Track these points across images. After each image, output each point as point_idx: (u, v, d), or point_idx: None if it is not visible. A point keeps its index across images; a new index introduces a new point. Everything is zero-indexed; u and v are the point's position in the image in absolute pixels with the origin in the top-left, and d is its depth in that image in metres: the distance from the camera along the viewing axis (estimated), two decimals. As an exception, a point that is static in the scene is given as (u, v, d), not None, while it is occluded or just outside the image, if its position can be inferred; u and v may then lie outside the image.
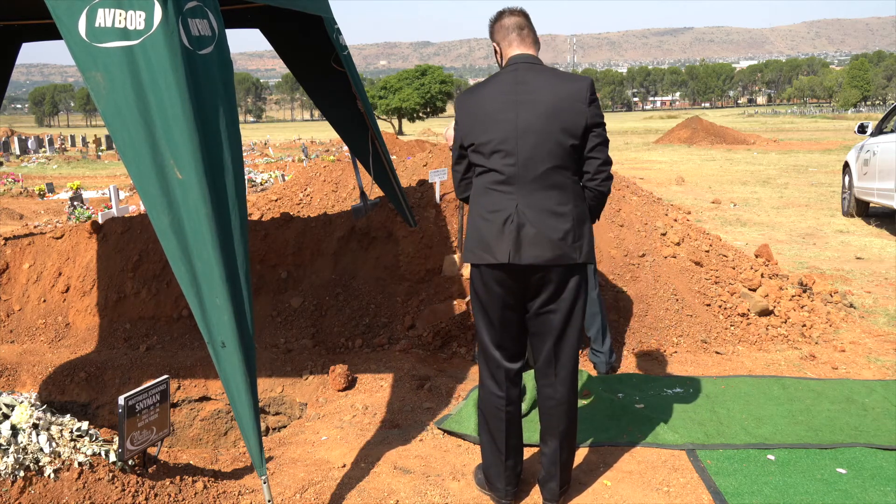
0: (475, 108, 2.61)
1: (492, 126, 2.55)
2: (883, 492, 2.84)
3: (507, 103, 2.55)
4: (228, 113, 2.65)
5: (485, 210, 2.58)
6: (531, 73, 2.57)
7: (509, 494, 2.77)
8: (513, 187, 2.54)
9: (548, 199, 2.53)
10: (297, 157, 24.57)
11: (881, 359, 4.38)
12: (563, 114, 2.51)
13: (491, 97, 2.58)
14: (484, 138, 2.56)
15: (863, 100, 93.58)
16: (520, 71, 2.58)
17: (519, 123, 2.52)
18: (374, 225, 5.24)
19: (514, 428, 2.74)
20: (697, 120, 31.22)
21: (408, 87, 62.78)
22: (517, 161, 2.52)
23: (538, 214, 2.52)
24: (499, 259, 2.53)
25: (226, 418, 4.40)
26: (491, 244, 2.54)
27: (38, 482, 2.49)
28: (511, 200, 2.53)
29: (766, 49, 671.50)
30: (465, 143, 2.64)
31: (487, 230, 2.56)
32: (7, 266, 5.39)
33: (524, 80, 2.56)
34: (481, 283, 2.63)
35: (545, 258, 2.51)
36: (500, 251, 2.52)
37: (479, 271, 2.63)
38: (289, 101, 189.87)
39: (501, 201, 2.55)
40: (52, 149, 33.39)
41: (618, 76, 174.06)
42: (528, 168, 2.52)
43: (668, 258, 5.14)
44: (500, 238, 2.53)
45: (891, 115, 9.77)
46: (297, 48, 4.56)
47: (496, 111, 2.55)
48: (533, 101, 2.53)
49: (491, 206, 2.56)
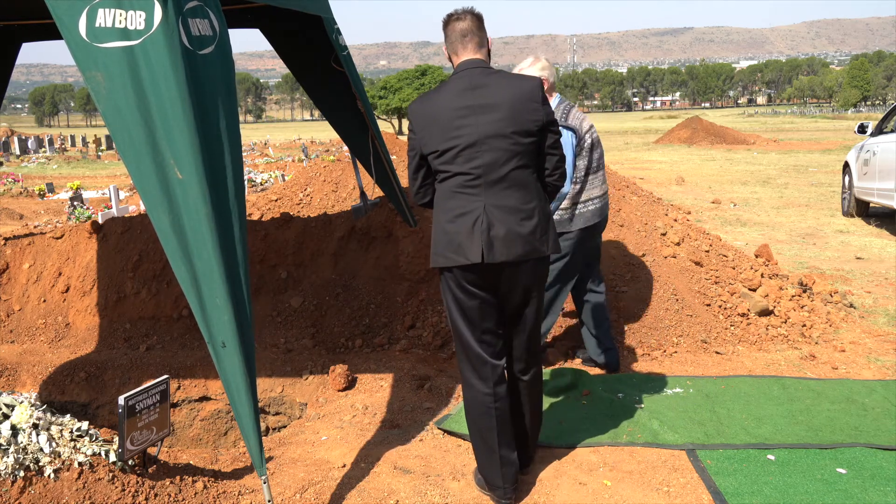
0: (432, 116, 2.64)
1: (453, 133, 2.59)
2: (883, 492, 2.84)
3: (465, 109, 2.59)
4: (229, 113, 2.65)
5: (452, 214, 2.63)
6: (483, 76, 2.63)
7: (508, 493, 2.78)
8: (479, 189, 2.60)
9: (513, 198, 2.61)
10: (297, 157, 24.58)
11: (881, 359, 4.38)
12: (521, 114, 2.59)
13: (447, 104, 2.62)
14: (446, 145, 2.60)
15: (863, 100, 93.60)
16: (473, 76, 2.63)
17: (480, 128, 2.58)
18: (374, 225, 5.24)
19: (505, 426, 2.76)
20: (697, 120, 31.22)
21: (408, 87, 62.79)
22: (482, 164, 2.58)
23: (505, 213, 2.59)
24: (471, 259, 2.58)
25: (226, 418, 4.41)
26: (462, 245, 2.59)
27: (38, 482, 2.49)
28: (478, 202, 2.60)
29: (766, 49, 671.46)
30: (424, 151, 2.67)
31: (456, 233, 2.61)
32: (7, 266, 5.39)
33: (479, 84, 2.62)
34: (456, 286, 2.69)
35: (516, 254, 2.60)
36: (472, 252, 2.58)
37: (453, 274, 2.67)
38: (289, 101, 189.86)
39: (468, 203, 2.60)
40: (52, 149, 33.40)
41: (618, 76, 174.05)
42: (493, 169, 2.59)
43: (668, 258, 5.14)
44: (471, 239, 2.58)
45: (891, 115, 9.77)
46: (297, 48, 4.57)
47: (455, 118, 2.59)
48: (491, 104, 2.59)
49: (458, 209, 2.62)
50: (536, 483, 2.97)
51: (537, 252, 2.64)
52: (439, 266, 2.69)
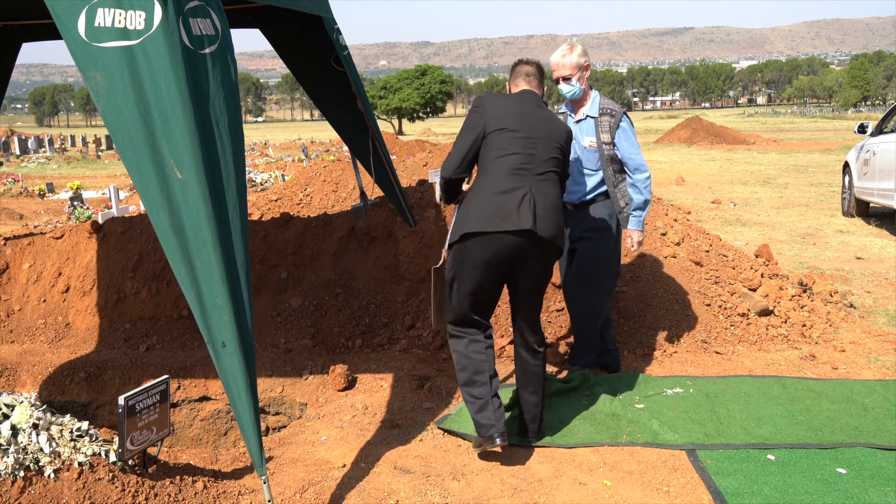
0: (505, 105, 3.15)
1: (522, 121, 3.09)
2: (883, 492, 2.84)
3: (532, 113, 3.15)
4: (231, 112, 2.64)
5: (502, 188, 3.00)
6: (542, 106, 3.25)
7: (500, 430, 3.02)
8: (528, 173, 3.03)
9: (550, 190, 3.08)
10: (297, 157, 24.58)
11: (881, 359, 4.38)
12: (563, 139, 3.19)
13: (518, 104, 3.18)
14: (514, 126, 3.07)
15: (863, 100, 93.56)
16: (537, 98, 3.26)
17: (539, 129, 3.12)
18: (374, 225, 5.24)
19: (493, 365, 3.14)
20: (697, 120, 31.22)
21: (408, 87, 62.77)
22: (535, 153, 3.06)
23: (545, 199, 3.03)
24: (521, 226, 2.94)
25: (226, 418, 4.40)
26: (513, 214, 2.94)
27: (38, 482, 2.49)
28: (526, 182, 3.02)
29: (766, 49, 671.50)
30: (490, 128, 3.08)
31: (509, 202, 2.96)
32: (7, 266, 5.39)
33: (541, 105, 3.23)
34: (478, 255, 2.99)
35: (551, 234, 3.02)
36: (523, 220, 2.94)
37: (485, 242, 2.97)
38: (289, 101, 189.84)
39: (517, 181, 3.01)
40: (52, 149, 33.39)
41: (618, 76, 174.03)
42: (541, 162, 3.07)
43: (668, 258, 5.14)
44: (521, 210, 2.95)
45: (891, 115, 9.77)
46: (297, 48, 4.57)
47: (525, 114, 3.13)
48: (550, 119, 3.20)
49: (508, 184, 3.00)
50: (536, 483, 2.97)
51: (560, 240, 3.09)
52: (479, 231, 2.96)
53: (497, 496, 2.87)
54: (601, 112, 3.83)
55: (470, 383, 3.11)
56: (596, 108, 3.85)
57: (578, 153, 3.85)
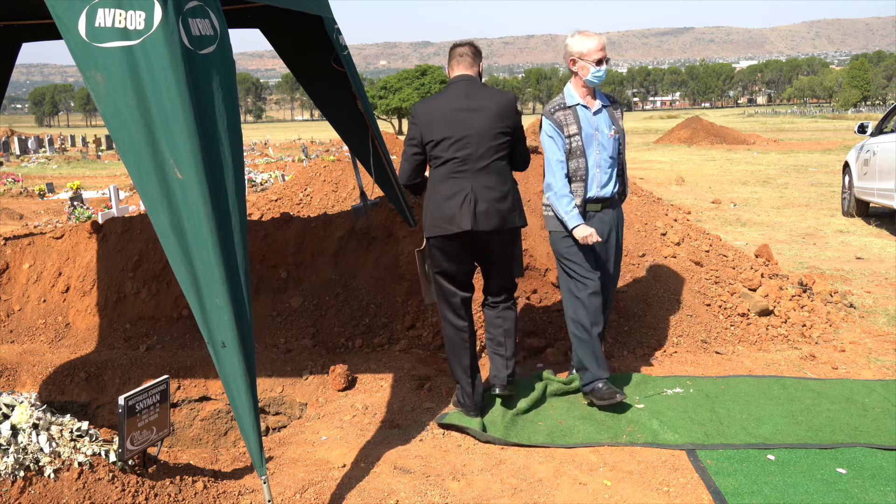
0: (433, 113, 3.37)
1: (450, 126, 3.31)
2: (883, 492, 2.84)
3: (461, 110, 3.33)
4: (230, 113, 2.64)
5: (445, 193, 3.32)
6: (474, 86, 3.40)
7: (477, 406, 3.49)
8: (467, 173, 3.31)
9: (493, 182, 3.33)
10: (297, 157, 24.58)
11: (881, 359, 4.38)
12: (503, 118, 3.36)
13: (446, 105, 3.36)
14: (443, 135, 3.31)
15: (863, 100, 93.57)
16: (469, 85, 3.40)
17: (472, 125, 3.31)
18: (374, 225, 5.24)
19: (472, 352, 3.53)
20: (697, 120, 31.22)
21: (408, 87, 62.76)
22: (470, 153, 3.30)
23: (487, 192, 3.31)
24: (463, 227, 3.28)
25: (226, 418, 4.40)
26: (455, 217, 3.29)
27: (38, 482, 2.49)
28: (466, 183, 3.30)
29: (766, 49, 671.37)
30: (424, 140, 3.38)
31: (450, 207, 3.30)
32: (7, 266, 5.39)
33: (472, 93, 3.37)
34: (442, 250, 3.39)
35: (495, 225, 3.33)
36: (463, 222, 3.28)
37: (443, 240, 3.36)
38: (289, 101, 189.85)
39: (459, 185, 3.31)
40: (52, 149, 33.40)
41: (618, 76, 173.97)
42: (477, 156, 3.31)
43: (668, 258, 5.14)
44: (461, 213, 3.28)
45: (891, 115, 9.76)
46: (297, 48, 4.56)
47: (452, 115, 3.33)
48: (482, 107, 3.34)
49: (451, 189, 3.31)
50: (536, 483, 2.97)
51: (511, 223, 3.39)
52: (436, 235, 3.35)
53: (497, 496, 2.87)
54: (610, 101, 3.77)
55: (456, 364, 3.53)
56: (603, 98, 3.76)
57: (605, 144, 3.67)
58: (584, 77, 3.64)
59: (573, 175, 3.64)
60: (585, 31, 3.70)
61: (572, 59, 3.66)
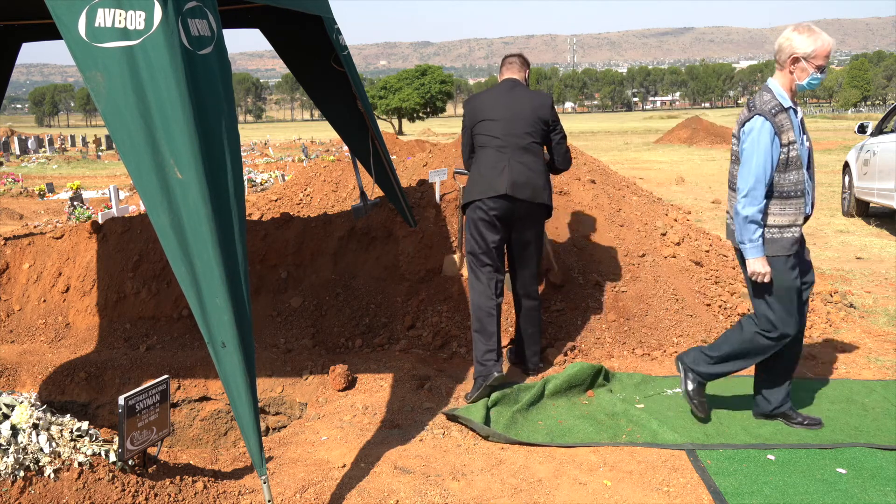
0: (479, 101, 3.97)
1: (496, 110, 3.86)
2: (883, 492, 2.84)
3: (504, 100, 3.89)
4: (228, 113, 2.65)
5: (489, 164, 3.80)
6: (517, 86, 3.97)
7: (499, 365, 3.75)
8: (506, 150, 3.79)
9: (527, 160, 3.81)
10: (297, 157, 24.57)
11: (881, 359, 4.38)
12: (538, 110, 3.87)
13: (492, 95, 3.95)
14: (488, 117, 3.85)
15: (863, 100, 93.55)
16: (513, 84, 3.96)
17: (514, 110, 3.84)
18: (374, 225, 5.24)
19: (498, 321, 3.84)
20: (697, 120, 31.22)
21: (408, 87, 62.77)
22: (513, 130, 3.80)
23: (522, 167, 3.78)
24: (499, 191, 3.73)
25: (226, 418, 4.40)
26: (493, 183, 3.75)
27: (38, 482, 2.49)
28: (505, 158, 3.79)
29: (766, 49, 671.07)
30: (473, 122, 3.91)
31: (490, 176, 3.77)
32: (7, 266, 5.39)
33: (515, 89, 3.94)
34: (478, 219, 3.79)
35: (527, 195, 3.78)
36: (500, 187, 3.73)
37: (482, 204, 3.77)
38: (289, 101, 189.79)
39: (499, 159, 3.79)
40: (52, 149, 33.39)
41: (618, 76, 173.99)
42: (517, 136, 3.81)
43: (668, 258, 5.14)
44: (500, 180, 3.74)
45: (891, 115, 9.76)
46: (297, 48, 4.56)
47: (497, 104, 3.89)
48: (522, 98, 3.90)
49: (492, 162, 3.79)
50: (536, 483, 2.97)
51: (540, 198, 3.82)
52: (473, 199, 3.80)
53: (497, 496, 2.87)
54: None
55: (479, 331, 3.80)
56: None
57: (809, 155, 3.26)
58: (799, 80, 3.18)
59: (791, 190, 3.16)
60: (812, 28, 3.20)
61: (794, 56, 3.16)
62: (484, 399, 3.60)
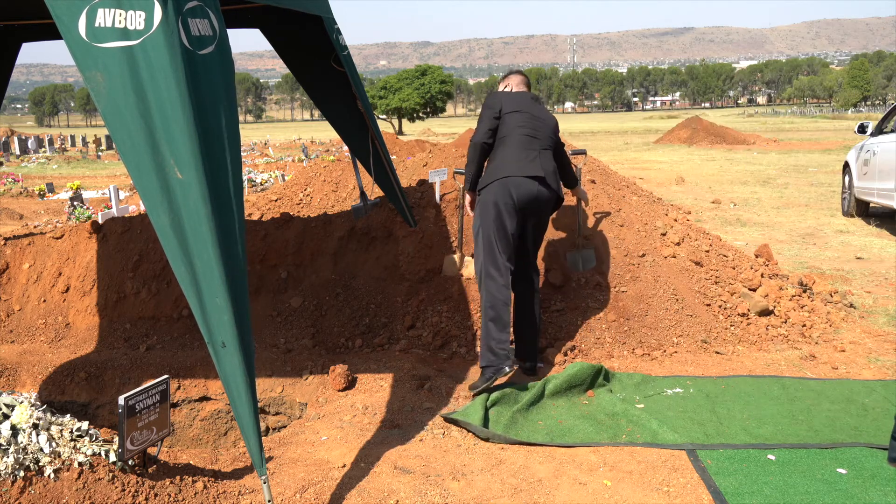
0: (511, 96, 4.04)
1: (526, 106, 4.02)
2: (883, 492, 2.84)
3: (530, 105, 4.05)
4: (228, 113, 2.65)
5: (519, 147, 3.92)
6: (539, 101, 4.16)
7: (512, 354, 3.82)
8: (535, 143, 3.96)
9: (550, 159, 4.03)
10: (297, 157, 24.57)
11: (881, 359, 4.38)
12: (554, 127, 4.13)
13: (520, 98, 4.07)
14: (522, 108, 4.00)
15: (863, 100, 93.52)
16: (533, 96, 4.14)
17: (540, 117, 4.05)
18: (374, 225, 5.24)
19: (510, 308, 3.86)
20: (697, 120, 31.21)
21: (408, 87, 62.78)
22: (540, 130, 4.00)
23: (548, 163, 3.98)
24: (533, 173, 3.87)
25: (226, 418, 4.40)
26: (529, 165, 3.89)
27: (38, 482, 2.49)
28: (536, 149, 3.96)
29: (766, 49, 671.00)
30: (506, 109, 3.98)
31: (522, 158, 3.89)
32: (7, 266, 5.39)
33: (538, 102, 4.13)
34: (501, 197, 3.83)
35: (553, 183, 3.97)
36: (534, 170, 3.89)
37: (506, 184, 3.84)
38: (289, 101, 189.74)
39: (531, 147, 3.94)
40: (52, 149, 33.39)
41: (618, 76, 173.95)
42: (543, 138, 4.01)
43: (668, 258, 5.14)
44: (533, 165, 3.90)
45: (891, 115, 9.76)
46: (297, 48, 4.56)
47: (524, 104, 4.04)
48: (543, 111, 4.12)
49: (524, 147, 3.93)
50: (536, 483, 2.97)
51: (559, 192, 4.05)
52: (502, 176, 3.84)
53: (497, 496, 2.87)
54: None
55: (494, 319, 3.80)
56: None
57: None
58: None
59: None
60: None
61: None
62: (483, 400, 3.59)
